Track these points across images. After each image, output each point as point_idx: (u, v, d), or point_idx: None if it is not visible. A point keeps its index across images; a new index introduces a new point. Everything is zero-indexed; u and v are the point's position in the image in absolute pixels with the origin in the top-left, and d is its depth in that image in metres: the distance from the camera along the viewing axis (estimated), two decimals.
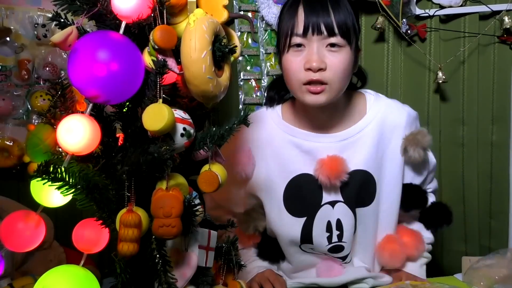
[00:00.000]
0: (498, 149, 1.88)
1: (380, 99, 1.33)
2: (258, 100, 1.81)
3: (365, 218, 1.30)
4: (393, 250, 1.31)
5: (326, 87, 1.16)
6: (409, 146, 1.27)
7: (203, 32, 0.92)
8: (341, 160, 1.24)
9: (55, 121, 0.95)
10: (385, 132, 1.28)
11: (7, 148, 1.65)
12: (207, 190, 1.03)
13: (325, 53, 1.16)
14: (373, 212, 1.30)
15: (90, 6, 0.93)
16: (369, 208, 1.29)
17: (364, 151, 1.27)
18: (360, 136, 1.27)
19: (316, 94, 1.16)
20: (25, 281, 1.23)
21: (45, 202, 0.91)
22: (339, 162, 1.23)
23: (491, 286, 1.22)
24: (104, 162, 0.97)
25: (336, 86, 1.17)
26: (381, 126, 1.28)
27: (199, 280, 1.03)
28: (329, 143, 1.27)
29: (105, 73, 0.84)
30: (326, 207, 1.27)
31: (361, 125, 1.28)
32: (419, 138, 1.28)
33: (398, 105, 1.33)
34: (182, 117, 0.95)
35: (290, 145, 1.28)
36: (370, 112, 1.29)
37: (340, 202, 1.27)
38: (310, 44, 1.16)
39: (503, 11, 1.79)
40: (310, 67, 1.14)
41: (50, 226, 1.38)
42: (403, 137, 1.29)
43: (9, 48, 1.68)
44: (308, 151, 1.27)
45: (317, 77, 1.15)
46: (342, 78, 1.17)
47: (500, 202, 1.87)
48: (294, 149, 1.28)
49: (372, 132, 1.28)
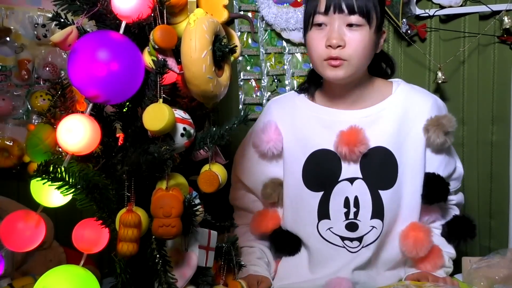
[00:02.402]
0: (498, 149, 1.88)
1: (409, 85, 1.37)
2: (258, 100, 1.81)
3: (392, 202, 1.29)
4: (417, 237, 1.28)
5: (345, 63, 1.23)
6: (430, 127, 1.29)
7: (203, 32, 0.92)
8: (361, 130, 1.26)
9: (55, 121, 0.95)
10: (409, 112, 1.31)
11: (7, 148, 1.65)
12: (207, 190, 1.03)
13: (345, 31, 1.22)
14: (396, 196, 1.30)
15: (90, 6, 0.93)
16: (393, 191, 1.29)
17: (386, 129, 1.30)
18: (383, 114, 1.31)
19: (335, 67, 1.23)
20: (25, 281, 1.23)
21: (45, 202, 0.91)
22: (358, 131, 1.26)
23: (491, 286, 1.22)
24: (104, 162, 0.97)
25: (355, 62, 1.23)
26: (405, 107, 1.31)
27: (199, 280, 1.03)
28: (351, 118, 1.30)
29: (105, 73, 0.84)
30: (344, 183, 1.29)
31: (384, 104, 1.32)
32: (443, 122, 1.29)
33: (426, 91, 1.39)
34: (182, 117, 0.95)
35: (312, 121, 1.33)
36: (396, 94, 1.33)
37: (359, 179, 1.29)
38: (332, 23, 1.22)
39: (503, 11, 1.79)
40: (330, 44, 1.21)
41: (50, 226, 1.38)
42: (427, 119, 1.31)
43: (9, 48, 1.68)
44: (329, 125, 1.31)
45: (337, 54, 1.22)
46: (360, 55, 1.23)
47: (500, 202, 1.87)
48: (316, 124, 1.33)
49: (395, 111, 1.31)
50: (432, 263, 1.31)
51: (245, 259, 1.30)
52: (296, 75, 1.82)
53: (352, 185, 1.29)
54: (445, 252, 1.34)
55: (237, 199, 1.46)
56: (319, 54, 1.24)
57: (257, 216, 1.40)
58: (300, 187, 1.32)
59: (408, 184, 1.31)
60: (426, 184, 1.31)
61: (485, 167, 1.89)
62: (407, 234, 1.30)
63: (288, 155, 1.35)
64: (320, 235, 1.32)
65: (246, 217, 1.43)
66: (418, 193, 1.32)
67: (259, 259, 1.36)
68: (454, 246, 1.37)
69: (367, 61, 1.27)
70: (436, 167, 1.34)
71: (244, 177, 1.42)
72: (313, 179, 1.31)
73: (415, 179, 1.31)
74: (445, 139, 1.30)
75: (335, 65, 1.23)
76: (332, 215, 1.30)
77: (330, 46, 1.22)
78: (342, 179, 1.30)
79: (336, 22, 1.22)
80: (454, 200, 1.42)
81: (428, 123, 1.30)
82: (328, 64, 1.24)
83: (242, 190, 1.44)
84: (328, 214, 1.30)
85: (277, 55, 1.82)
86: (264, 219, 1.39)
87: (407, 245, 1.29)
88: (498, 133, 1.88)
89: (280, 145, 1.35)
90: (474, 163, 1.87)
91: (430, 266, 1.31)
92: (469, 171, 1.87)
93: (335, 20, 1.22)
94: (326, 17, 1.23)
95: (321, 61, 1.25)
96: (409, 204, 1.32)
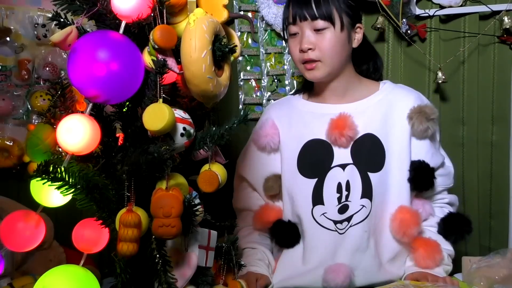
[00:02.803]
0: (498, 149, 1.88)
1: (395, 83, 1.48)
2: (258, 100, 1.81)
3: (380, 185, 1.36)
4: (403, 218, 1.33)
5: (318, 64, 1.36)
6: (414, 114, 1.38)
7: (203, 31, 0.92)
8: (349, 116, 1.36)
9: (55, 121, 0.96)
10: (395, 104, 1.41)
11: (7, 148, 1.65)
12: (207, 190, 1.03)
13: (313, 35, 1.35)
14: (384, 180, 1.36)
15: (90, 6, 0.93)
16: (381, 174, 1.36)
17: (374, 117, 1.40)
18: (370, 105, 1.41)
19: (312, 70, 1.37)
20: (25, 281, 1.23)
21: (45, 202, 0.91)
22: (347, 117, 1.36)
23: (491, 286, 1.22)
24: (104, 162, 0.97)
25: (327, 61, 1.36)
26: (391, 100, 1.42)
27: (199, 280, 1.03)
28: (342, 109, 1.39)
29: (105, 73, 0.84)
30: (337, 169, 1.37)
31: (372, 98, 1.43)
32: (426, 110, 1.38)
33: (411, 89, 1.48)
34: (182, 117, 0.95)
35: (306, 115, 1.44)
36: (382, 90, 1.44)
37: (350, 165, 1.37)
38: (302, 30, 1.36)
39: (503, 11, 1.79)
40: (302, 49, 1.36)
41: (50, 226, 1.38)
42: (411, 108, 1.39)
43: (9, 48, 1.68)
44: (321, 117, 1.41)
45: (309, 56, 1.36)
46: (331, 54, 1.36)
47: (500, 202, 1.87)
48: (309, 117, 1.43)
49: (382, 103, 1.41)
50: (431, 258, 1.32)
51: (246, 260, 1.32)
52: (296, 75, 1.82)
53: (344, 171, 1.37)
54: (444, 249, 1.36)
55: (242, 199, 1.49)
56: (297, 59, 1.40)
57: (259, 210, 1.45)
58: (295, 175, 1.40)
59: (395, 170, 1.37)
60: (411, 169, 1.38)
61: (485, 167, 1.89)
62: (395, 217, 1.35)
63: (284, 147, 1.43)
64: (314, 220, 1.36)
65: (250, 216, 1.46)
66: (405, 179, 1.37)
67: (259, 260, 1.38)
68: (451, 242, 1.39)
69: (341, 57, 1.38)
70: (423, 155, 1.39)
71: (247, 174, 1.48)
72: (307, 166, 1.39)
73: (401, 165, 1.37)
74: (428, 125, 1.37)
75: (310, 68, 1.37)
76: (325, 201, 1.36)
77: (302, 50, 1.36)
78: (334, 165, 1.37)
79: (304, 29, 1.36)
80: (446, 198, 1.46)
81: (411, 112, 1.39)
82: (305, 67, 1.38)
83: (247, 189, 1.49)
84: (322, 199, 1.37)
85: (277, 55, 1.82)
86: (266, 212, 1.44)
87: (395, 227, 1.34)
88: (498, 133, 1.88)
89: (277, 139, 1.44)
90: (474, 163, 1.87)
91: (430, 261, 1.32)
92: (469, 171, 1.87)
93: (304, 27, 1.36)
94: (296, 26, 1.37)
95: (300, 64, 1.40)
96: (397, 190, 1.37)
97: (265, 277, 1.34)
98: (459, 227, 1.40)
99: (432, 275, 1.29)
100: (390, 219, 1.36)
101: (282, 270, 1.39)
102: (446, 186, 1.46)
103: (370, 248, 1.35)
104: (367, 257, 1.34)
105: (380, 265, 1.35)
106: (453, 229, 1.39)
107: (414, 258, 1.35)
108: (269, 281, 1.35)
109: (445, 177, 1.45)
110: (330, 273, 1.30)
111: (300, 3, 1.36)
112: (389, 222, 1.36)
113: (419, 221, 1.35)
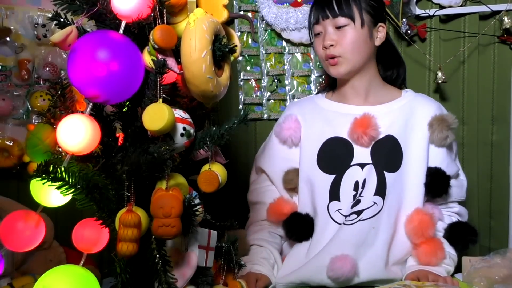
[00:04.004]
0: (498, 149, 1.88)
1: (417, 93, 1.53)
2: (258, 100, 1.81)
3: (395, 185, 1.38)
4: (421, 220, 1.35)
5: (340, 59, 1.41)
6: (435, 121, 1.42)
7: (203, 31, 0.92)
8: (373, 117, 1.41)
9: (55, 121, 0.95)
10: (416, 111, 1.45)
11: (7, 148, 1.65)
12: (207, 190, 1.03)
13: (335, 32, 1.42)
14: (400, 181, 1.39)
15: (90, 5, 0.93)
16: (397, 175, 1.39)
17: (395, 121, 1.44)
18: (393, 109, 1.46)
19: (335, 65, 1.42)
20: (25, 281, 1.23)
21: (45, 202, 0.91)
22: (371, 117, 1.41)
23: (491, 286, 1.22)
24: (104, 162, 0.97)
25: (349, 56, 1.41)
26: (413, 107, 1.46)
27: (199, 280, 1.03)
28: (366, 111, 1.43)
29: (105, 73, 0.84)
30: (355, 168, 1.40)
31: (394, 102, 1.48)
32: (447, 118, 1.42)
33: (432, 98, 1.55)
34: (182, 117, 0.95)
35: (329, 113, 1.48)
36: (404, 96, 1.49)
37: (369, 165, 1.40)
38: (325, 29, 1.43)
39: (503, 11, 1.79)
40: (324, 46, 1.42)
41: (50, 226, 1.38)
42: (432, 116, 1.43)
43: (9, 48, 1.68)
44: (345, 115, 1.45)
45: (331, 52, 1.42)
46: (352, 50, 1.41)
47: (500, 202, 1.87)
48: (332, 115, 1.48)
49: (404, 108, 1.46)
50: (434, 254, 1.33)
51: (250, 257, 1.34)
52: (296, 75, 1.82)
53: (362, 170, 1.40)
54: (447, 252, 1.36)
55: (259, 192, 1.52)
56: (321, 56, 1.46)
57: (274, 202, 1.47)
58: (314, 170, 1.43)
59: (412, 173, 1.40)
60: (428, 175, 1.40)
61: (485, 167, 1.89)
62: (412, 218, 1.37)
63: (305, 143, 1.47)
64: (329, 215, 1.39)
65: (264, 209, 1.47)
66: (421, 183, 1.40)
67: (264, 259, 1.38)
68: (455, 248, 1.40)
69: (363, 53, 1.43)
70: (439, 163, 1.42)
71: (267, 166, 1.51)
72: (326, 162, 1.43)
73: (418, 169, 1.40)
74: (447, 134, 1.41)
75: (333, 63, 1.42)
76: (341, 197, 1.40)
77: (325, 47, 1.42)
78: (354, 164, 1.41)
79: (327, 27, 1.42)
80: (456, 208, 1.47)
81: (432, 119, 1.43)
82: (329, 63, 1.43)
83: (266, 182, 1.52)
84: (338, 196, 1.40)
85: (277, 55, 1.82)
86: (281, 204, 1.46)
87: (413, 228, 1.35)
88: (498, 133, 1.88)
89: (299, 134, 1.48)
90: (474, 163, 1.87)
91: (432, 257, 1.33)
92: (469, 171, 1.87)
93: (326, 25, 1.43)
94: (320, 26, 1.44)
95: (323, 61, 1.46)
96: (413, 193, 1.40)
97: (265, 278, 1.34)
98: (465, 236, 1.41)
99: (432, 274, 1.30)
100: (407, 220, 1.37)
101: (287, 265, 1.40)
102: (457, 198, 1.48)
103: (376, 245, 1.35)
104: (372, 253, 1.34)
105: (387, 264, 1.35)
106: (459, 237, 1.41)
107: (416, 254, 1.35)
108: (269, 282, 1.35)
109: (457, 189, 1.47)
110: (337, 262, 1.30)
111: (322, 4, 1.43)
112: (405, 223, 1.37)
113: (436, 222, 1.38)
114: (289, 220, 1.43)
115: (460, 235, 1.41)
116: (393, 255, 1.37)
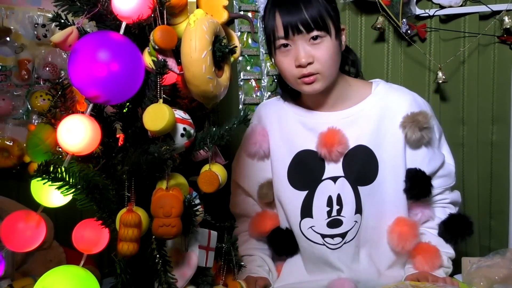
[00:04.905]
0: (498, 149, 1.88)
1: (388, 84, 1.40)
2: (258, 100, 1.81)
3: (370, 198, 1.31)
4: (401, 231, 1.30)
5: (318, 76, 1.26)
6: (406, 123, 1.31)
7: (203, 32, 0.92)
8: (339, 131, 1.30)
9: (55, 121, 0.96)
10: (388, 111, 1.34)
11: (7, 148, 1.65)
12: (207, 190, 1.03)
13: (310, 47, 1.25)
14: (377, 192, 1.32)
15: (90, 6, 0.93)
16: (372, 187, 1.31)
17: (365, 128, 1.33)
18: (362, 114, 1.34)
19: (311, 84, 1.27)
20: (25, 282, 1.23)
21: (45, 202, 0.91)
22: (336, 132, 1.30)
23: (491, 286, 1.22)
24: (104, 162, 0.97)
25: (327, 73, 1.27)
26: (384, 106, 1.34)
27: (199, 280, 1.03)
28: (332, 120, 1.34)
29: (106, 73, 0.84)
30: (327, 182, 1.32)
31: (363, 104, 1.35)
32: (419, 118, 1.31)
33: (404, 89, 1.40)
34: (182, 117, 0.95)
35: (296, 123, 1.37)
36: (374, 94, 1.36)
37: (341, 178, 1.31)
38: (295, 43, 1.25)
39: (503, 11, 1.79)
40: (300, 64, 1.24)
41: (50, 226, 1.38)
42: (404, 116, 1.32)
43: (9, 48, 1.68)
44: (312, 128, 1.35)
45: (308, 70, 1.25)
46: (330, 65, 1.27)
47: (500, 202, 1.87)
48: (299, 126, 1.37)
49: (375, 110, 1.34)
50: (430, 263, 1.31)
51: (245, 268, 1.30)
52: None
53: (335, 184, 1.32)
54: (443, 252, 1.34)
55: (238, 205, 1.47)
56: (293, 74, 1.27)
57: (256, 216, 1.41)
58: (285, 186, 1.35)
59: (390, 180, 1.32)
60: (407, 179, 1.33)
61: (485, 167, 1.89)
62: (393, 229, 1.32)
63: (275, 155, 1.38)
64: (302, 233, 1.34)
65: (247, 223, 1.43)
66: (401, 189, 1.33)
67: (259, 267, 1.36)
68: (452, 245, 1.37)
69: (337, 65, 1.30)
70: (419, 163, 1.34)
71: (242, 181, 1.44)
72: (297, 178, 1.34)
73: (396, 176, 1.33)
74: (421, 135, 1.31)
75: (309, 82, 1.26)
76: (314, 214, 1.32)
77: (300, 65, 1.24)
78: (325, 178, 1.32)
79: (299, 41, 1.24)
80: (448, 198, 1.42)
81: (404, 120, 1.32)
82: (303, 82, 1.27)
83: (242, 195, 1.45)
84: (311, 212, 1.33)
85: None
86: (262, 219, 1.40)
87: (393, 239, 1.31)
88: (498, 133, 1.88)
89: (267, 145, 1.39)
90: (474, 163, 1.87)
91: (428, 266, 1.31)
92: (469, 171, 1.87)
93: (297, 40, 1.24)
94: (287, 40, 1.25)
95: (295, 79, 1.28)
96: (393, 201, 1.33)
97: (265, 278, 1.33)
98: (460, 229, 1.37)
99: (432, 275, 1.29)
100: (387, 231, 1.33)
101: (287, 276, 1.38)
102: (446, 186, 1.42)
103: (361, 260, 1.34)
104: (362, 268, 1.33)
105: (379, 274, 1.34)
106: (454, 232, 1.37)
107: (413, 263, 1.33)
108: (269, 283, 1.34)
109: (445, 178, 1.40)
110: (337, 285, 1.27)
111: (291, 12, 1.24)
112: (387, 234, 1.33)
113: (418, 232, 1.32)
114: (272, 237, 1.38)
115: (455, 230, 1.37)
116: (382, 264, 1.35)
